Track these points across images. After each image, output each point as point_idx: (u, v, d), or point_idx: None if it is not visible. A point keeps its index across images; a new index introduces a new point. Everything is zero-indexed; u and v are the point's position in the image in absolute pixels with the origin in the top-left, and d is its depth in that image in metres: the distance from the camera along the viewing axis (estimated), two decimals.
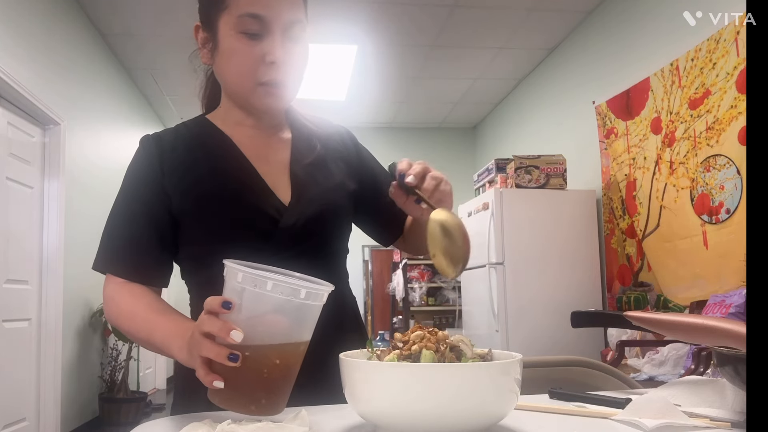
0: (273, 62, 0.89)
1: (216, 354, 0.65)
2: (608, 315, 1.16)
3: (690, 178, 3.26)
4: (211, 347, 0.66)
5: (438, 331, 0.69)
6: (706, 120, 3.14)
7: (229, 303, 0.66)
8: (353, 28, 4.50)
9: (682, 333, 0.82)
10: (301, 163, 0.99)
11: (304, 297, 0.68)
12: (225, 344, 0.66)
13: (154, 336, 0.83)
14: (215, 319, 0.67)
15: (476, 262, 4.18)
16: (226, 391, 0.67)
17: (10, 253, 3.34)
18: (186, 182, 0.92)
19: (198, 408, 0.80)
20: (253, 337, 0.66)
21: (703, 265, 3.13)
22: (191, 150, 0.96)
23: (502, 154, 5.44)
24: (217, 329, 0.66)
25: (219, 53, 0.92)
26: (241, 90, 0.93)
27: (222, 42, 0.91)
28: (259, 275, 0.66)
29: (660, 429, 0.68)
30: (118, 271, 0.91)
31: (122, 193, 0.95)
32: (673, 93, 3.41)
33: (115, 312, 0.90)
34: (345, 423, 0.72)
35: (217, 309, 0.66)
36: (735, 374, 0.70)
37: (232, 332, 0.64)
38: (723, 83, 3.01)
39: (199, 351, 0.67)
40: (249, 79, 0.91)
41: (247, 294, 0.67)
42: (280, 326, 0.68)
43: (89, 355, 4.42)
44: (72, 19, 4.10)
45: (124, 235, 0.92)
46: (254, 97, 0.93)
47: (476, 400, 0.62)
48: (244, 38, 0.89)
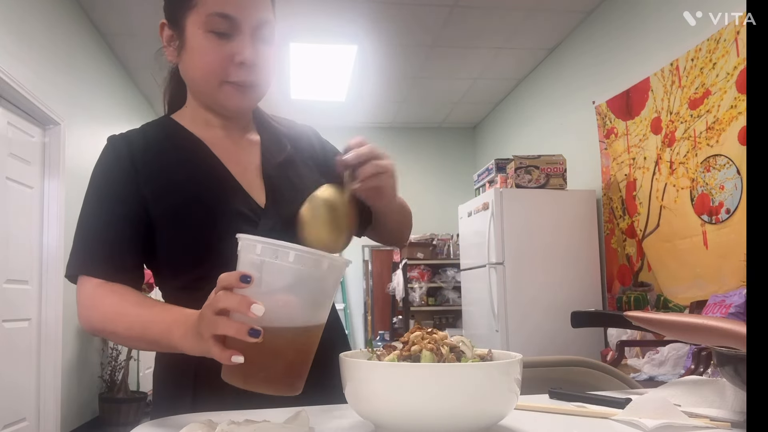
0: (242, 62, 0.88)
1: (236, 330, 0.62)
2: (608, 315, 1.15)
3: (690, 178, 3.26)
4: (229, 323, 0.63)
5: (438, 332, 0.69)
6: (706, 120, 3.14)
7: (248, 276, 0.63)
8: (353, 28, 4.50)
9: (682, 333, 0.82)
10: (272, 164, 0.98)
11: (326, 268, 0.65)
12: (243, 321, 0.63)
13: (149, 330, 0.78)
14: (232, 294, 0.63)
15: (476, 262, 4.18)
16: (243, 368, 0.64)
17: (10, 253, 3.34)
18: (161, 185, 0.90)
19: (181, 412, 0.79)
20: (273, 312, 0.63)
21: (703, 265, 3.13)
22: (163, 152, 0.94)
23: (502, 154, 5.45)
24: (237, 304, 0.62)
25: (186, 51, 0.91)
26: (208, 89, 0.92)
27: (189, 40, 0.90)
28: (281, 245, 0.63)
29: (660, 429, 0.68)
30: (97, 271, 0.86)
31: (94, 194, 0.90)
32: (673, 93, 3.41)
33: (96, 316, 0.84)
34: (345, 423, 0.72)
35: (234, 283, 0.63)
36: (735, 374, 0.70)
37: (253, 306, 0.62)
38: (723, 83, 3.01)
39: (214, 329, 0.64)
40: (215, 78, 0.89)
41: (267, 267, 0.64)
42: (302, 300, 0.66)
43: (89, 355, 4.42)
44: (72, 19, 4.10)
45: (101, 237, 0.87)
46: (221, 96, 0.91)
47: (476, 400, 0.62)
48: (213, 37, 0.88)
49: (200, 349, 0.69)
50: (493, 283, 3.88)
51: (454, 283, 5.63)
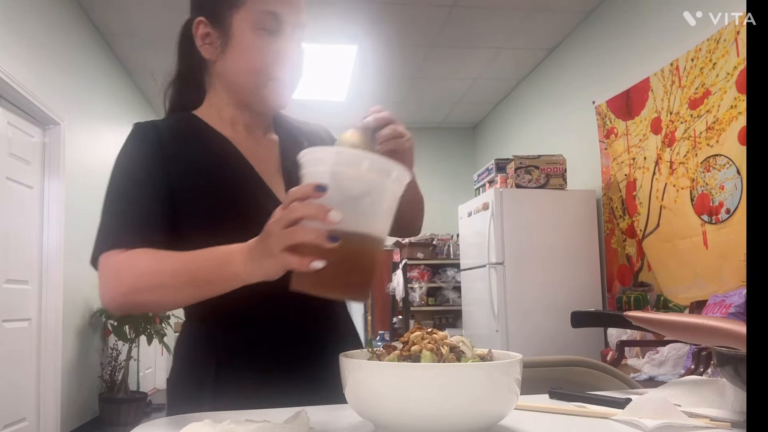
0: (288, 60, 0.92)
1: (315, 236, 0.63)
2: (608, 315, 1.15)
3: (690, 178, 3.26)
4: (308, 230, 0.64)
5: (438, 332, 0.69)
6: (706, 120, 3.14)
7: (323, 186, 0.64)
8: (353, 28, 4.50)
9: (682, 333, 0.82)
10: (290, 161, 0.99)
11: (394, 178, 0.67)
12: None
13: (200, 271, 0.77)
14: (308, 203, 0.64)
15: (476, 262, 4.18)
16: (319, 275, 0.65)
17: (10, 253, 3.34)
18: (190, 177, 0.91)
19: (198, 410, 0.79)
20: (347, 220, 0.64)
21: (703, 265, 3.13)
22: (189, 142, 0.95)
23: (502, 154, 5.44)
24: (314, 211, 0.63)
25: (231, 48, 0.93)
26: (253, 85, 0.93)
27: (236, 38, 0.92)
28: (356, 154, 0.66)
29: (660, 429, 0.68)
30: (126, 243, 0.83)
31: (122, 176, 0.90)
32: (673, 93, 3.41)
33: (129, 279, 0.80)
34: (345, 423, 0.72)
35: (310, 193, 0.64)
36: (735, 374, 0.70)
37: (331, 213, 0.63)
38: (723, 83, 3.01)
39: (290, 239, 0.65)
40: (263, 75, 0.92)
41: (340, 176, 0.65)
42: (371, 209, 0.67)
43: (89, 355, 4.42)
44: (72, 19, 4.10)
45: (131, 215, 0.86)
46: (265, 92, 0.94)
47: (476, 400, 0.62)
48: (263, 34, 0.91)
49: (269, 268, 0.69)
50: (493, 283, 3.88)
51: (454, 283, 5.62)
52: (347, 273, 0.67)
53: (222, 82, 0.98)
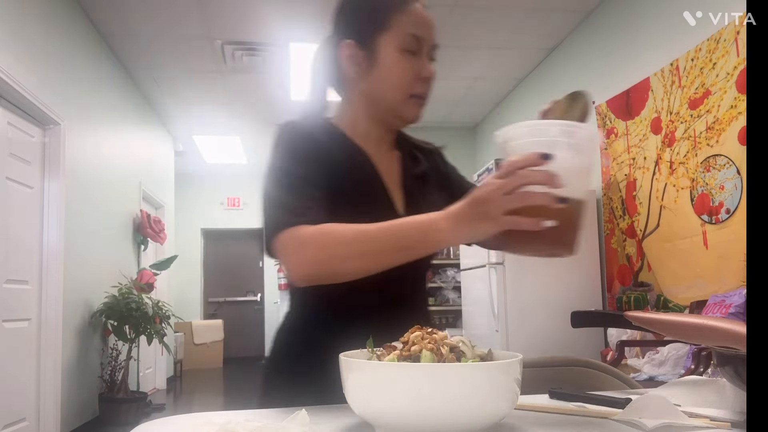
0: (427, 77, 1.01)
1: (547, 199, 0.70)
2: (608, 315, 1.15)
3: (690, 178, 3.26)
4: (538, 194, 0.71)
5: (438, 332, 0.69)
6: (706, 120, 3.14)
7: (549, 154, 0.71)
8: None
9: (682, 333, 0.82)
10: (410, 176, 1.08)
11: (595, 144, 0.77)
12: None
13: (405, 235, 0.83)
14: (538, 170, 0.71)
15: (476, 262, 4.18)
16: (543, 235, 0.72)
17: (10, 253, 3.34)
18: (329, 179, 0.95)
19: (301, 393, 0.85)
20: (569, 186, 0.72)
21: (703, 265, 3.13)
22: (333, 149, 1.01)
23: None
24: (544, 178, 0.70)
25: (378, 68, 1.01)
26: (396, 101, 1.01)
27: (382, 59, 1.00)
28: (574, 125, 0.75)
29: (660, 429, 0.68)
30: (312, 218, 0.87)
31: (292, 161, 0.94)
32: (673, 93, 3.41)
33: (330, 242, 0.85)
34: (345, 423, 0.72)
35: (536, 161, 0.71)
36: (735, 374, 0.70)
37: (557, 178, 0.70)
38: (723, 83, 3.01)
39: (521, 201, 0.71)
40: (404, 92, 1.00)
41: (560, 146, 0.72)
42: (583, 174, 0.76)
43: (89, 355, 4.42)
44: (72, 19, 4.10)
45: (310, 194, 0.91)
46: (405, 107, 1.01)
47: (476, 400, 0.62)
48: (407, 55, 0.99)
49: (480, 231, 0.76)
50: (493, 283, 3.88)
51: (454, 283, 5.63)
52: (568, 233, 0.76)
53: (363, 98, 1.04)
